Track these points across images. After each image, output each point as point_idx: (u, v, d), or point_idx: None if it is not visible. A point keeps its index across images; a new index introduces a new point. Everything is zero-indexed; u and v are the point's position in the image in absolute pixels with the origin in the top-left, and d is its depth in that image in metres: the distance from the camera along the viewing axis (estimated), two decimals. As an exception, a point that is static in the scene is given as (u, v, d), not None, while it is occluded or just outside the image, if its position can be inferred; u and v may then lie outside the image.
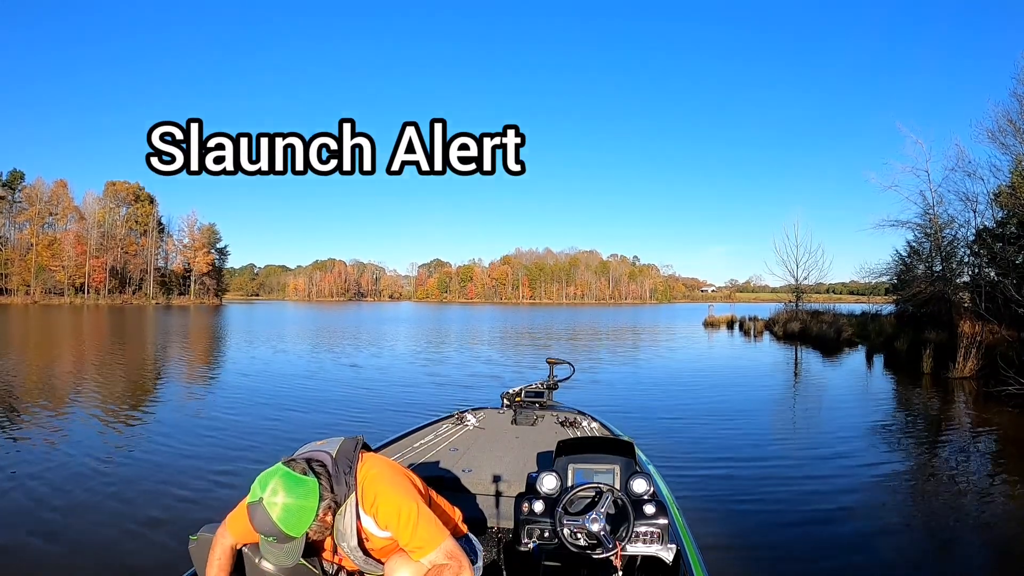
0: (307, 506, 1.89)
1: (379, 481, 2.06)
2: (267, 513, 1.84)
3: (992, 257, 18.78)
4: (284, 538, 1.87)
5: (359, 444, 2.13)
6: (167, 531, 4.60)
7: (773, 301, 52.10)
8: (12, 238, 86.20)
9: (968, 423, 9.98)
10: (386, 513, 2.02)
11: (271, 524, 1.84)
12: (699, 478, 6.21)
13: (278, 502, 1.85)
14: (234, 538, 2.17)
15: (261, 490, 1.86)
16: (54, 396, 10.85)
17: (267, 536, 1.87)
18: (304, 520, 1.88)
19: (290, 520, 1.86)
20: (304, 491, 1.89)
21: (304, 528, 1.89)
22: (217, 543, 2.17)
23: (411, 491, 2.09)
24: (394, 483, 2.08)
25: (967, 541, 4.93)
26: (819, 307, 32.99)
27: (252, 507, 1.87)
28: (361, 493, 2.04)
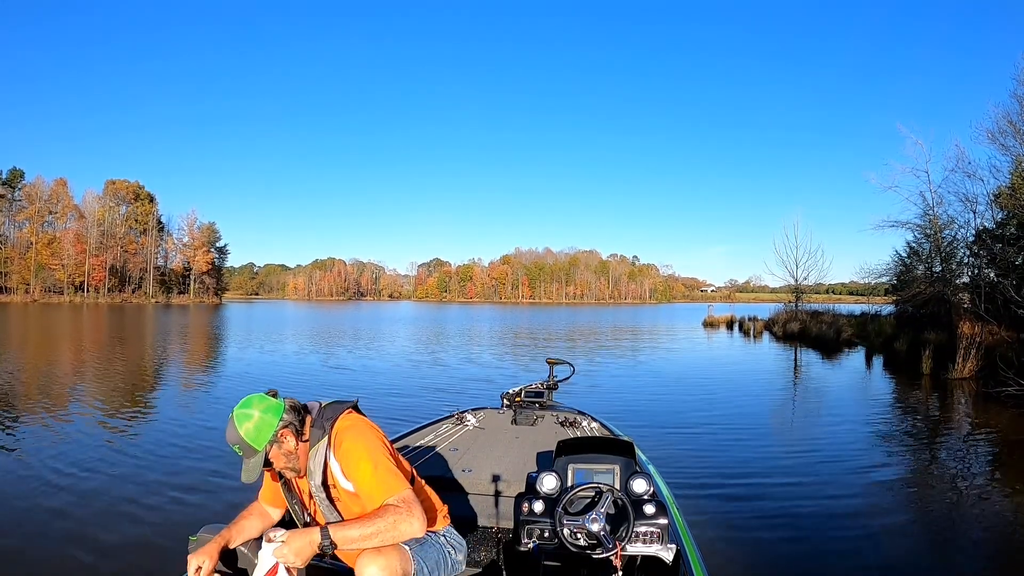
0: (267, 420, 2.10)
1: (351, 430, 2.20)
2: (234, 422, 2.09)
3: (992, 258, 18.80)
4: (247, 448, 2.08)
5: (350, 404, 2.31)
6: (167, 531, 4.60)
7: (773, 301, 52.16)
8: (12, 236, 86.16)
9: (967, 424, 9.99)
10: (348, 458, 2.14)
11: (235, 432, 2.08)
12: (699, 478, 6.20)
13: (244, 413, 2.10)
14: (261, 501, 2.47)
15: (236, 407, 2.13)
16: (53, 395, 10.85)
17: (233, 445, 2.10)
18: (263, 433, 2.09)
19: (250, 430, 2.08)
20: (267, 407, 2.13)
21: (263, 441, 2.09)
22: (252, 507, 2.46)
23: (379, 446, 2.19)
24: (364, 435, 2.19)
25: (967, 542, 4.93)
26: (819, 307, 33.01)
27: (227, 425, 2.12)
28: (333, 437, 2.19)
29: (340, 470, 2.16)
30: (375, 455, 2.14)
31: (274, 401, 2.17)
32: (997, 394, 11.25)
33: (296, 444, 2.16)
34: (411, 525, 2.04)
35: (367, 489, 2.10)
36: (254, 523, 2.39)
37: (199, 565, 2.11)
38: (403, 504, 2.06)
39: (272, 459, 2.14)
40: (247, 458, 2.09)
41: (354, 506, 2.19)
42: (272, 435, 2.11)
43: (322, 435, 2.19)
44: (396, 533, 2.02)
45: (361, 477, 2.11)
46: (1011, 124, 17.97)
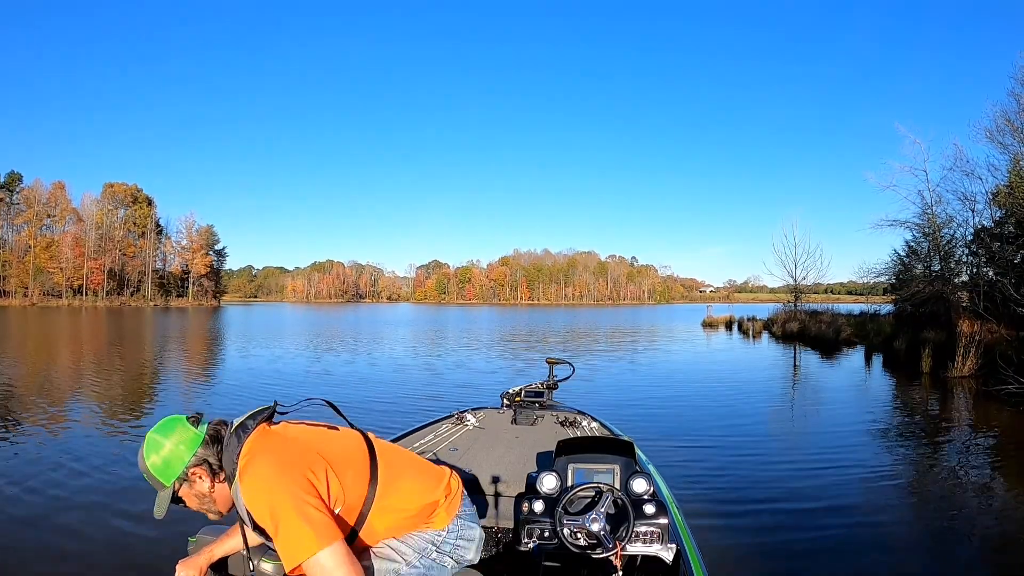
0: (178, 453, 1.77)
1: (248, 474, 1.73)
2: (142, 450, 1.78)
3: (990, 256, 18.84)
4: (153, 482, 1.78)
5: (263, 413, 1.89)
6: (167, 532, 4.58)
7: (772, 301, 52.20)
8: (10, 240, 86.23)
9: (967, 422, 9.99)
10: (252, 502, 1.72)
11: (142, 461, 1.78)
12: (699, 478, 6.20)
13: (155, 439, 1.78)
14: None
15: (151, 430, 1.80)
16: (52, 397, 10.83)
17: (142, 472, 1.79)
18: (171, 468, 1.76)
19: (157, 463, 1.76)
20: (182, 438, 1.79)
21: (171, 477, 1.77)
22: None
23: (281, 491, 1.68)
24: (260, 481, 1.71)
25: (967, 540, 4.92)
26: (818, 307, 33.02)
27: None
28: (243, 482, 1.75)
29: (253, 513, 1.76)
30: (275, 509, 1.66)
31: (192, 432, 1.80)
32: (997, 392, 11.25)
33: (211, 485, 1.80)
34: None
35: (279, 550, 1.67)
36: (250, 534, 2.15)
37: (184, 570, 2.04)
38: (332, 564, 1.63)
39: (183, 497, 1.81)
40: (157, 490, 1.79)
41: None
42: (182, 472, 1.77)
43: (234, 473, 1.77)
44: None
45: (271, 532, 1.69)
46: (1009, 123, 18.02)
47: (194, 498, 1.82)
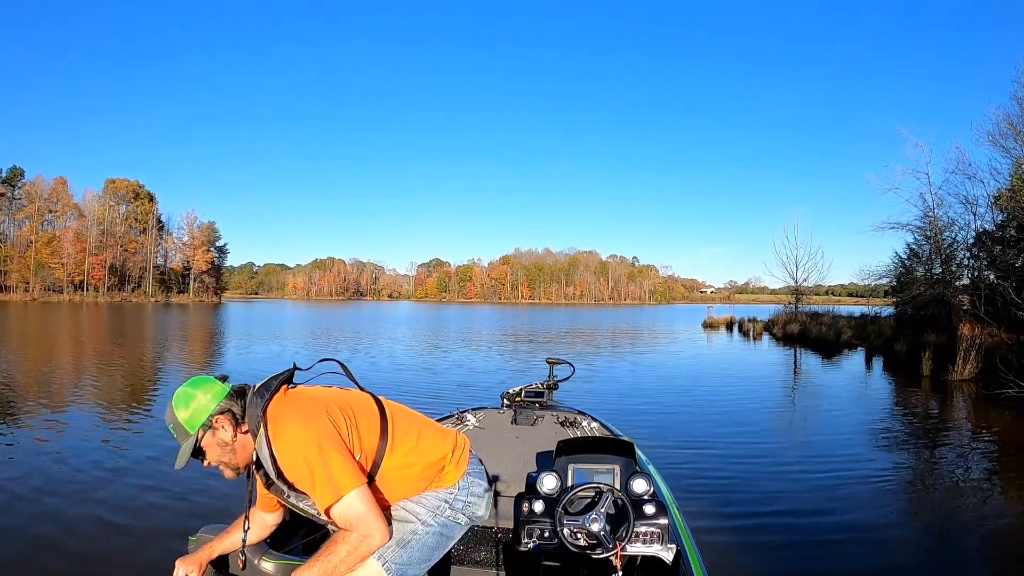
0: (205, 403, 1.89)
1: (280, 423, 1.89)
2: (171, 402, 1.91)
3: (992, 260, 18.81)
4: (179, 431, 1.88)
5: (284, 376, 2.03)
6: (167, 531, 4.59)
7: (772, 303, 52.10)
8: (12, 235, 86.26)
9: (967, 426, 9.98)
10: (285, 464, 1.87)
11: (170, 411, 1.90)
12: (699, 478, 6.20)
13: (184, 392, 1.91)
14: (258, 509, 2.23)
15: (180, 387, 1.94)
16: (53, 394, 10.84)
17: (168, 425, 1.91)
18: (197, 416, 1.88)
19: (185, 411, 1.88)
20: (208, 389, 1.93)
21: (197, 424, 1.88)
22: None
23: (311, 437, 1.84)
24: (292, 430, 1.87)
25: (966, 543, 4.93)
26: (818, 309, 33.00)
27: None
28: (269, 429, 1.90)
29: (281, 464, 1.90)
30: (308, 455, 1.81)
31: (219, 385, 1.95)
32: (997, 396, 11.24)
33: (234, 435, 1.91)
34: (367, 544, 1.81)
35: (313, 495, 1.84)
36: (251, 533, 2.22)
37: (186, 573, 2.06)
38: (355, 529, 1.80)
39: (204, 447, 1.89)
40: (180, 442, 1.89)
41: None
42: (207, 419, 1.88)
43: (259, 426, 1.90)
44: (358, 557, 1.80)
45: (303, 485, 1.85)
46: (1011, 126, 17.98)
47: (216, 447, 1.91)
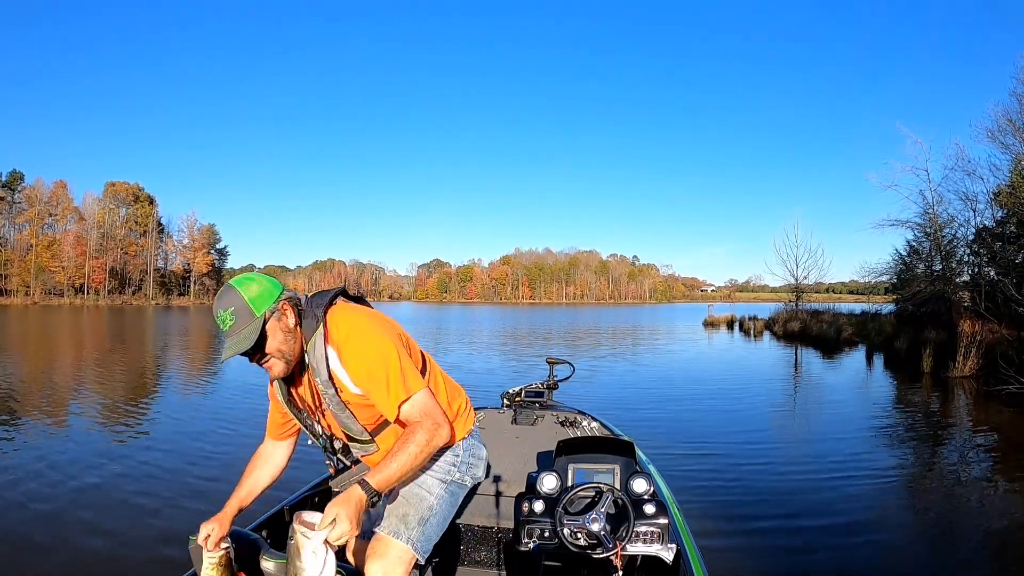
0: (269, 287, 1.89)
1: (349, 324, 1.93)
2: (232, 286, 1.87)
3: (992, 256, 18.82)
4: (244, 313, 1.82)
5: (337, 290, 2.06)
6: (167, 531, 4.60)
7: (773, 301, 52.19)
8: (12, 239, 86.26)
9: (968, 422, 9.99)
10: (353, 363, 1.89)
11: (234, 294, 1.84)
12: (699, 478, 6.20)
13: (245, 278, 1.90)
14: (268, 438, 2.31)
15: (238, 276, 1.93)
16: (54, 397, 10.86)
17: (226, 310, 1.83)
18: (265, 298, 1.86)
19: (253, 293, 1.85)
20: (269, 279, 1.93)
21: (264, 306, 1.85)
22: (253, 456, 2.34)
23: (383, 338, 1.91)
24: (364, 331, 1.92)
25: (967, 540, 4.93)
26: (819, 307, 33.03)
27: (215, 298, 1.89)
28: (329, 329, 1.93)
29: (347, 375, 1.91)
30: (383, 354, 1.88)
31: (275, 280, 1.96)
32: (998, 392, 11.25)
33: (296, 323, 1.91)
34: (440, 435, 1.86)
35: (381, 399, 1.88)
36: (263, 473, 2.28)
37: (208, 533, 2.03)
38: (427, 417, 1.86)
39: (268, 332, 1.85)
40: (239, 328, 1.82)
41: (365, 406, 1.99)
42: (274, 302, 1.86)
43: (316, 325, 1.92)
44: (430, 451, 1.85)
45: (373, 387, 1.88)
46: (1011, 122, 18.02)
47: (279, 333, 1.87)
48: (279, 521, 3.03)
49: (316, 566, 1.60)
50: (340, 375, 1.92)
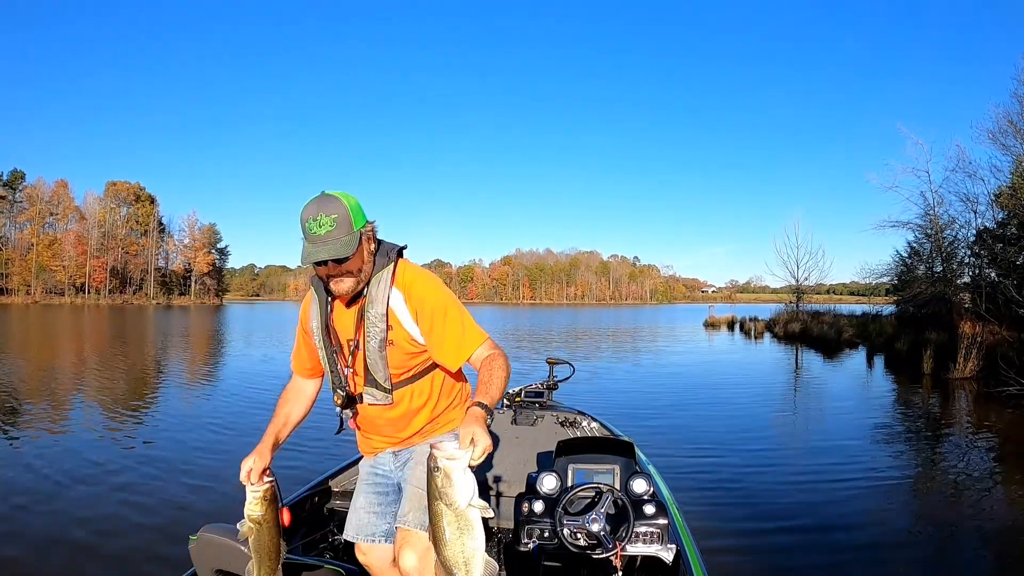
0: (362, 209, 1.95)
1: (423, 275, 2.06)
2: (334, 195, 1.89)
3: (993, 258, 18.80)
4: (344, 223, 1.86)
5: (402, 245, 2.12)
6: (167, 531, 4.60)
7: (774, 302, 52.04)
8: (13, 238, 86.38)
9: (968, 424, 9.97)
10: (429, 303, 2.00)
11: (337, 203, 1.86)
12: (699, 478, 6.19)
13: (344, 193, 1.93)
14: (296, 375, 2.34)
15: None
16: (54, 396, 10.85)
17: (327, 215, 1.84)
18: (361, 216, 1.93)
19: (354, 207, 1.90)
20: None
21: (361, 224, 1.91)
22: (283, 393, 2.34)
23: (449, 289, 2.08)
24: (438, 284, 2.07)
25: (967, 542, 4.92)
26: (820, 308, 32.97)
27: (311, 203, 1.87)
28: (398, 272, 2.03)
29: (410, 313, 2.00)
30: (455, 303, 2.04)
31: None
32: (998, 394, 11.23)
33: (374, 250, 1.99)
34: (508, 361, 2.05)
35: (455, 340, 2.00)
36: (296, 407, 2.30)
37: (249, 467, 1.95)
38: (495, 348, 2.05)
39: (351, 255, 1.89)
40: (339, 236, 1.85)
41: (404, 353, 2.05)
42: (365, 222, 1.94)
43: (387, 263, 2.01)
44: (510, 370, 2.02)
45: (446, 330, 1.99)
46: (1011, 124, 17.99)
47: (364, 253, 1.95)
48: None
49: (469, 484, 1.62)
50: (400, 314, 2.01)
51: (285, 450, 7.15)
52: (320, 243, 1.84)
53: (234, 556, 2.24)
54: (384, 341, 2.02)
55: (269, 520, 1.94)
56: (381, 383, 2.09)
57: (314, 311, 2.12)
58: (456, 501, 1.59)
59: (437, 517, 1.61)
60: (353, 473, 3.50)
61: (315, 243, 1.85)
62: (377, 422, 2.21)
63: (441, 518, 1.61)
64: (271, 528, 1.94)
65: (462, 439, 1.67)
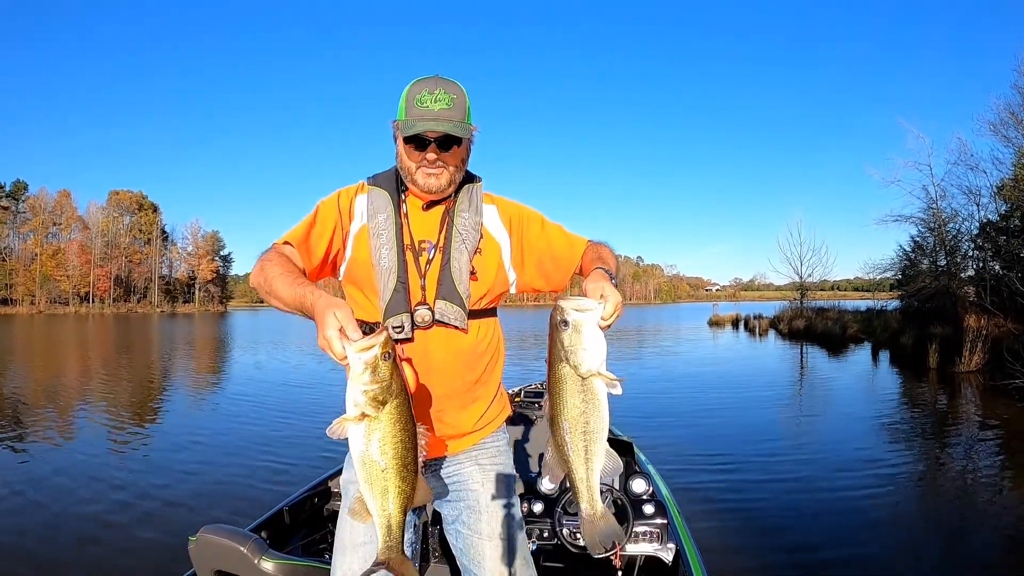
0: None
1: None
2: (456, 84, 1.69)
3: (996, 250, 18.74)
4: (464, 108, 1.67)
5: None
6: (167, 531, 4.61)
7: (778, 299, 52.04)
8: (16, 248, 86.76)
9: (975, 417, 9.92)
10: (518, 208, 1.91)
11: (463, 93, 1.68)
12: (699, 477, 6.16)
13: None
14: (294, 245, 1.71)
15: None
16: (59, 402, 10.88)
17: (453, 94, 1.65)
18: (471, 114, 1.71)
19: (467, 103, 1.70)
20: None
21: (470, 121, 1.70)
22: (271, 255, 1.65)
23: None
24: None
25: (974, 537, 4.87)
26: (824, 304, 32.94)
27: (427, 79, 1.67)
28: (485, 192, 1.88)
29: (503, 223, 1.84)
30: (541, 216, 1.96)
31: None
32: (1004, 387, 11.17)
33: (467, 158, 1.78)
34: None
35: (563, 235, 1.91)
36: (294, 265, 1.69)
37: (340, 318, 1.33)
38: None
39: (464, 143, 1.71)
40: (456, 118, 1.65)
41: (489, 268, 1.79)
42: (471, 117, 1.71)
43: (475, 179, 1.86)
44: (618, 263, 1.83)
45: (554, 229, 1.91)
46: (1013, 115, 17.95)
47: (464, 151, 1.74)
48: (279, 521, 3.03)
49: (601, 345, 1.41)
50: (492, 226, 1.83)
51: (284, 450, 7.17)
52: (435, 117, 1.63)
53: (234, 556, 2.23)
54: (475, 249, 1.77)
55: (397, 389, 1.30)
56: (462, 295, 1.72)
57: (379, 206, 1.77)
58: (584, 363, 1.37)
59: (558, 383, 1.38)
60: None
61: (433, 114, 1.63)
62: (436, 358, 1.73)
63: (563, 384, 1.38)
64: (402, 404, 1.30)
65: (591, 294, 1.44)
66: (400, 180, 1.78)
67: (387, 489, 1.30)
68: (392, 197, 1.77)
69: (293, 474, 6.05)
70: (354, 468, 1.34)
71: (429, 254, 1.74)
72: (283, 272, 1.55)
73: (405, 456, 1.30)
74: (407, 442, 1.30)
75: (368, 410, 1.27)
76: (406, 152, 1.69)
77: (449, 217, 1.77)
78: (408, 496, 1.32)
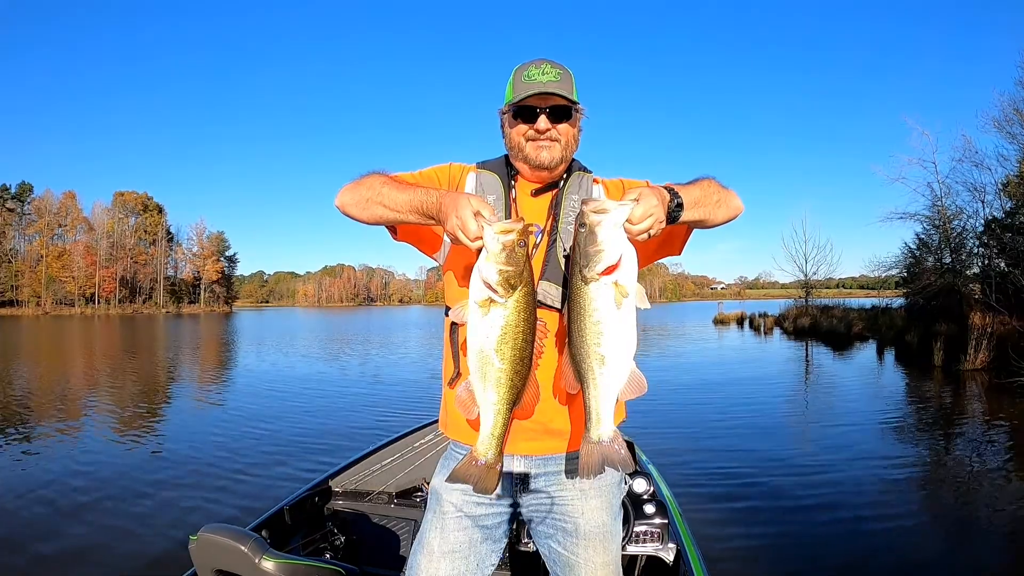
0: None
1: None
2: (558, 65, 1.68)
3: (1002, 247, 18.64)
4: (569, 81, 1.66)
5: None
6: (167, 531, 4.64)
7: (783, 297, 51.85)
8: (22, 250, 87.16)
9: (980, 415, 9.88)
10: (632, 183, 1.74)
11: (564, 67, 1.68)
12: (700, 477, 6.14)
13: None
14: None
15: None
16: (64, 403, 10.91)
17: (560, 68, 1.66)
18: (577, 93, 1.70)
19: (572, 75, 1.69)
20: None
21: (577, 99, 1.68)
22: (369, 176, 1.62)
23: None
24: None
25: (979, 536, 4.86)
26: (829, 302, 32.84)
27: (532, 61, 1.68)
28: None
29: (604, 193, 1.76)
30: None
31: None
32: (1009, 384, 11.13)
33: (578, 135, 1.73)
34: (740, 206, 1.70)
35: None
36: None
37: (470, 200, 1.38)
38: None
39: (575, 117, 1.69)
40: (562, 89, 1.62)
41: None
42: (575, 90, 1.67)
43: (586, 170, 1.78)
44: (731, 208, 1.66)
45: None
46: (1017, 112, 17.88)
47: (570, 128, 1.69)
48: (279, 521, 3.04)
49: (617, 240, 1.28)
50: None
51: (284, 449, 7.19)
52: (542, 87, 1.61)
53: (234, 555, 2.24)
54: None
55: (528, 278, 1.32)
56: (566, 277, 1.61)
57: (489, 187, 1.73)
58: (596, 266, 1.27)
59: (573, 290, 1.29)
60: (354, 473, 3.48)
61: (536, 88, 1.61)
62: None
63: (578, 291, 1.28)
64: (529, 295, 1.33)
65: (624, 197, 1.35)
66: (510, 166, 1.77)
67: (500, 380, 1.31)
68: (503, 181, 1.74)
69: (293, 474, 6.07)
70: (468, 356, 1.35)
71: (536, 237, 1.68)
72: (392, 181, 1.57)
73: (524, 349, 1.31)
74: (527, 334, 1.32)
75: (498, 292, 1.29)
76: (515, 130, 1.67)
77: (556, 201, 1.72)
78: (519, 391, 1.32)
